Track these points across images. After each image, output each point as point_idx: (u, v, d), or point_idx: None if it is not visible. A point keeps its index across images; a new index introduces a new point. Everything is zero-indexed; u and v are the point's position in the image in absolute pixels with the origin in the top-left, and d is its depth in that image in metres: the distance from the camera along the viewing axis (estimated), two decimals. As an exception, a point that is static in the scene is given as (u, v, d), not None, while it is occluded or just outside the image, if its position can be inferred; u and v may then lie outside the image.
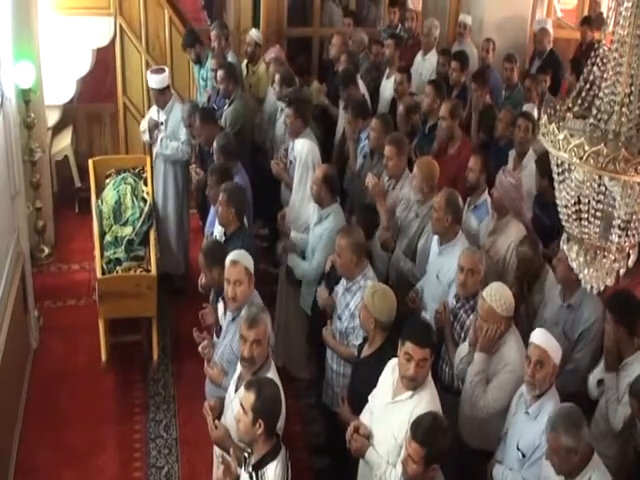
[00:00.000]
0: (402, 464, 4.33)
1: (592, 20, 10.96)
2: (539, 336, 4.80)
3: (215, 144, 7.35)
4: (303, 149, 7.24)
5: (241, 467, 4.47)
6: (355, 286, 5.76)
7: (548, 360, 4.71)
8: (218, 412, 4.98)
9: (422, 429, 4.23)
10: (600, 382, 5.30)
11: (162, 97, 8.29)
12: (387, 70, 9.41)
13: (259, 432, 4.26)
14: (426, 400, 4.65)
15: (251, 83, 9.59)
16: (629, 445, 5.14)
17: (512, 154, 7.44)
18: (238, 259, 5.48)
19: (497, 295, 5.13)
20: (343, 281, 5.88)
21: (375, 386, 4.96)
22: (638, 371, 5.11)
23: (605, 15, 3.29)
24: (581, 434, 4.27)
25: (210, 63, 9.18)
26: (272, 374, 4.87)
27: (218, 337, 5.77)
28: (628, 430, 5.07)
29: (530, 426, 4.77)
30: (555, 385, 4.84)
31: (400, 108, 8.16)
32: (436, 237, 6.19)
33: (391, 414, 4.74)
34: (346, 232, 5.87)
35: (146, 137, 8.54)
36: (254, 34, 9.72)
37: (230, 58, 9.54)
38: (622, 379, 5.19)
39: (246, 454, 4.40)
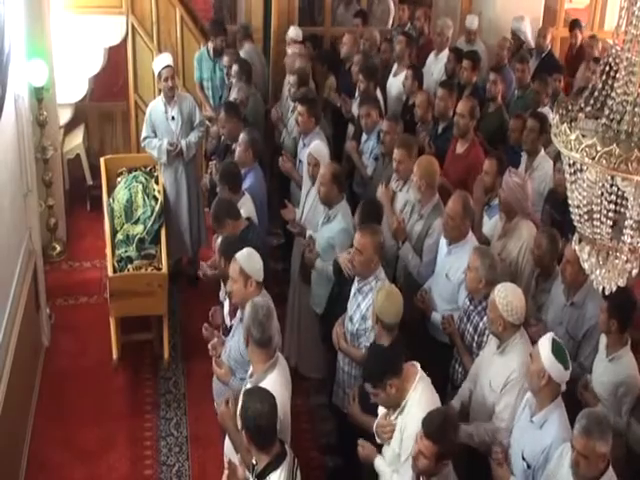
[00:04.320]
0: (412, 458, 4.34)
1: (581, 23, 10.90)
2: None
3: (246, 136, 7.27)
4: (316, 151, 7.15)
5: (250, 474, 4.47)
6: (367, 287, 5.71)
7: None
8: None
9: (433, 425, 4.23)
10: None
11: (170, 85, 8.23)
12: (395, 67, 9.38)
13: (246, 440, 4.29)
14: (414, 410, 4.63)
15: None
16: (622, 441, 5.10)
17: (524, 155, 7.42)
18: (237, 257, 5.43)
19: (504, 294, 5.06)
20: (355, 282, 5.84)
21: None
22: (626, 366, 5.15)
23: (617, 15, 3.27)
24: (610, 438, 4.19)
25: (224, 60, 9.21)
26: (274, 376, 4.82)
27: (226, 335, 5.78)
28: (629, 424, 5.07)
29: (535, 436, 4.68)
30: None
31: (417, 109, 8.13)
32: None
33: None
34: (371, 230, 5.75)
35: (164, 159, 8.42)
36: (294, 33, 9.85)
37: (245, 53, 9.55)
38: (609, 374, 5.20)
39: (254, 461, 4.38)
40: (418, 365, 4.79)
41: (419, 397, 4.69)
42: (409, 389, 4.71)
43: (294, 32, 9.91)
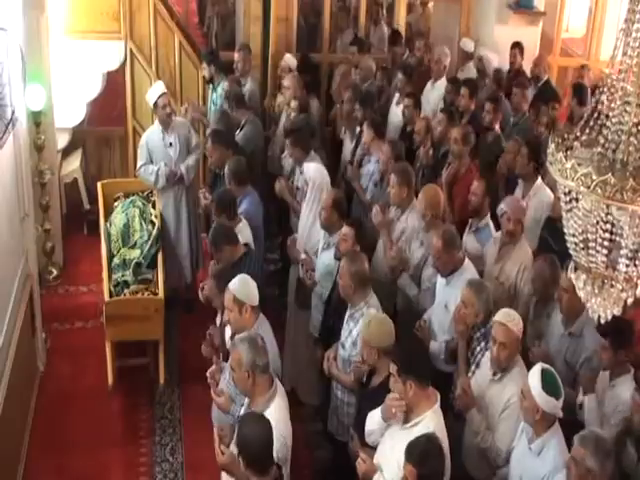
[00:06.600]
0: None
1: (522, 46, 10.43)
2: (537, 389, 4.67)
3: (227, 168, 7.33)
4: (316, 173, 7.14)
5: None
6: (358, 313, 5.73)
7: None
8: (227, 440, 4.93)
9: (416, 450, 4.25)
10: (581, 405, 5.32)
11: (168, 112, 8.29)
12: (397, 96, 9.42)
13: (242, 467, 4.27)
14: (430, 429, 4.60)
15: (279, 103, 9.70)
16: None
17: (521, 183, 7.41)
18: (230, 286, 5.46)
19: (508, 315, 5.14)
20: (347, 309, 5.84)
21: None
22: (626, 392, 5.12)
23: (613, 45, 3.30)
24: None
25: (223, 86, 9.23)
26: (277, 403, 4.82)
27: (226, 360, 5.76)
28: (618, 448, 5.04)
29: (533, 463, 4.67)
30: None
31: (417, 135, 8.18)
32: None
33: (398, 441, 4.73)
34: (350, 258, 5.82)
35: (161, 183, 8.41)
36: (289, 60, 9.92)
37: (250, 83, 9.59)
38: (609, 400, 5.19)
39: None
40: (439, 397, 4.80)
41: (437, 422, 4.68)
42: (429, 408, 4.70)
43: (291, 60, 9.95)
